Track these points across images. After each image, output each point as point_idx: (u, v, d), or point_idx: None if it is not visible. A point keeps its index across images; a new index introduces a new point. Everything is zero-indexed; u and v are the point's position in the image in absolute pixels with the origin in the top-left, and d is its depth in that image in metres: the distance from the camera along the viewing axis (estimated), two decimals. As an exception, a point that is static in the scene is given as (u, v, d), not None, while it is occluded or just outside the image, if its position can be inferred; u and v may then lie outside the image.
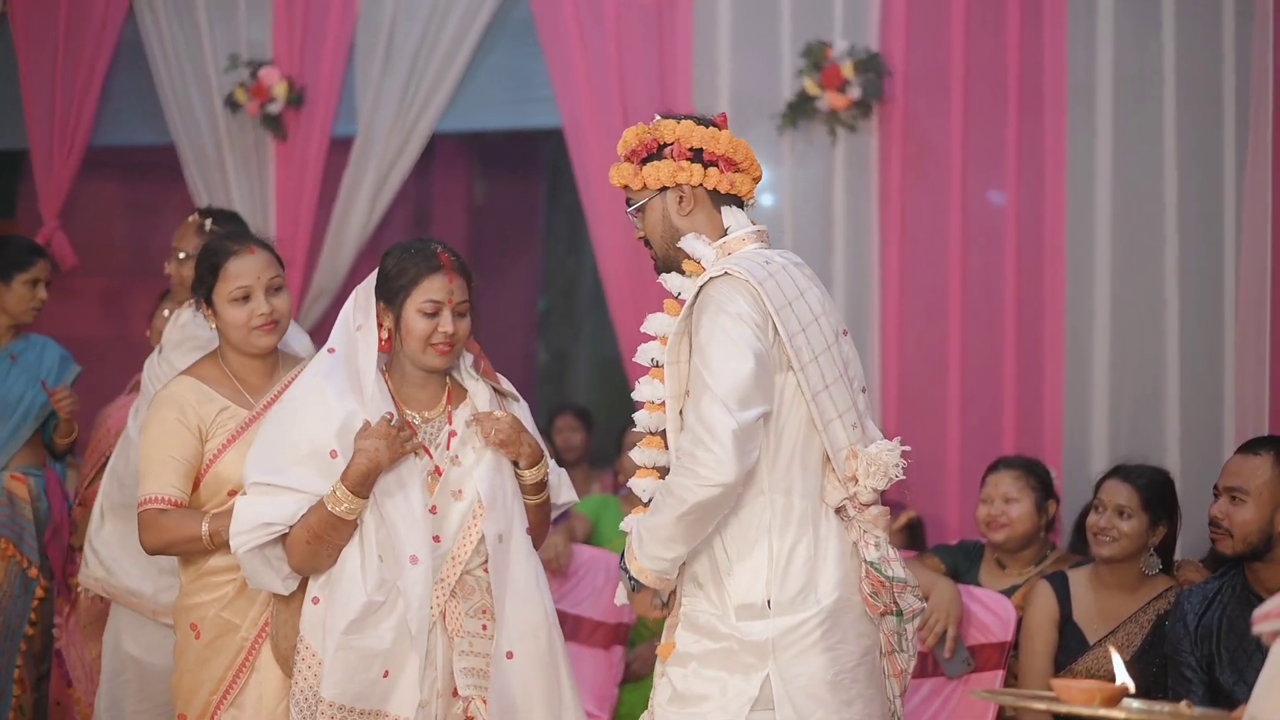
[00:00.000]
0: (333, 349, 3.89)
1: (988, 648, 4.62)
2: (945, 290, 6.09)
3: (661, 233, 3.60)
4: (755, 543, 3.42)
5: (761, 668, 3.39)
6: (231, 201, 7.12)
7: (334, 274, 7.06)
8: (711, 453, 3.29)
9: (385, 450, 3.72)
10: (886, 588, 3.41)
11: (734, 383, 3.32)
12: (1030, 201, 6.00)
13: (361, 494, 3.72)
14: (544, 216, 9.09)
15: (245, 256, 4.16)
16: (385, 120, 6.94)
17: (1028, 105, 5.99)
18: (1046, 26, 5.93)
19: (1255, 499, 4.14)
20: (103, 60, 7.38)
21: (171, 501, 4.05)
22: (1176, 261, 5.78)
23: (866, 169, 6.22)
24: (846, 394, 3.46)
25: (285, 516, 3.77)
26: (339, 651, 3.72)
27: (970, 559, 4.99)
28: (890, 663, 3.49)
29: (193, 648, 4.09)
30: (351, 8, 7.00)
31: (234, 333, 4.16)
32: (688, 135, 3.56)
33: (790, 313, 3.41)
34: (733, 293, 3.39)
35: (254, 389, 4.20)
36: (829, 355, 3.45)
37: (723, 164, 3.56)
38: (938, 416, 6.10)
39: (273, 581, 3.84)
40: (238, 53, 7.14)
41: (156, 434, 4.10)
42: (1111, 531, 4.58)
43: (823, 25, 6.25)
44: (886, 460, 3.40)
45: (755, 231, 3.57)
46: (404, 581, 3.74)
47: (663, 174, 3.56)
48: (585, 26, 6.61)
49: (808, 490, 3.43)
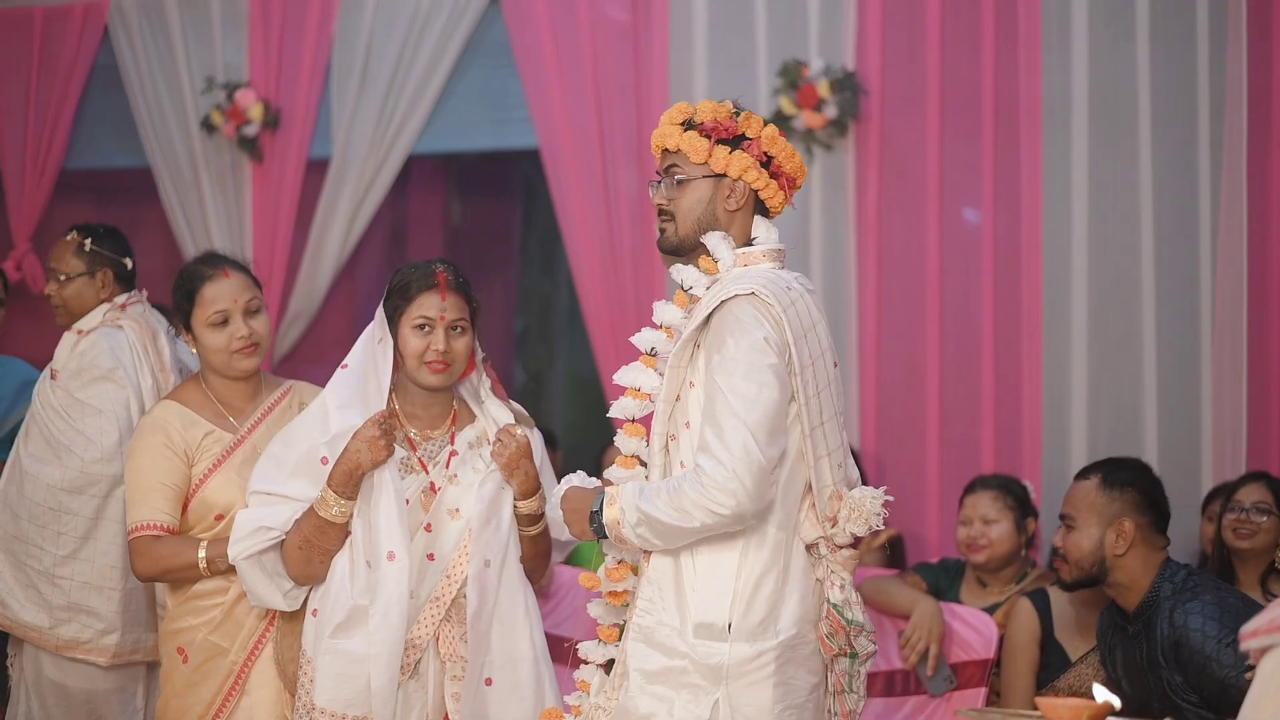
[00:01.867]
0: (346, 365, 3.93)
1: (970, 665, 4.63)
2: (923, 308, 6.09)
3: (698, 215, 3.53)
4: (724, 564, 3.38)
5: (713, 691, 3.37)
6: (208, 224, 7.12)
7: (311, 296, 7.05)
8: (732, 482, 3.26)
9: (366, 451, 3.74)
10: (844, 630, 3.38)
11: (763, 415, 3.30)
12: (1007, 219, 6.01)
13: (346, 494, 3.75)
14: (520, 237, 9.08)
15: (220, 280, 4.16)
16: (362, 142, 6.93)
17: (1003, 123, 6.00)
18: (1021, 45, 5.94)
19: (1083, 523, 4.14)
20: (77, 82, 7.37)
21: (163, 528, 4.05)
22: (1153, 278, 5.80)
23: (843, 188, 6.23)
24: (837, 432, 3.45)
25: (280, 522, 3.80)
26: (326, 656, 3.75)
27: (951, 577, 5.01)
28: (839, 702, 3.46)
29: (180, 672, 4.09)
30: (327, 30, 6.99)
31: (214, 357, 4.15)
32: (770, 141, 3.52)
33: (805, 344, 3.39)
34: (760, 316, 3.36)
35: (237, 412, 4.20)
36: (828, 392, 3.43)
37: (784, 180, 3.55)
38: (916, 434, 6.11)
39: (273, 597, 3.86)
40: (213, 75, 7.13)
41: (143, 461, 4.10)
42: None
43: (798, 44, 6.26)
44: (869, 508, 3.37)
45: (777, 250, 3.55)
46: (378, 575, 3.74)
47: (735, 164, 3.50)
48: (561, 47, 6.62)
49: (785, 521, 3.40)
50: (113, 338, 4.81)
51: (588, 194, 6.54)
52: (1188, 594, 3.99)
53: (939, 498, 6.01)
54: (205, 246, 6.73)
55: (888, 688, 4.70)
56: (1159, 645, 3.98)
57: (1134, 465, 4.36)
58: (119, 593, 4.70)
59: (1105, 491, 4.14)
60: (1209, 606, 3.93)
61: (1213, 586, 4.03)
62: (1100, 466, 4.25)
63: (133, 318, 4.88)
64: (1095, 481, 4.16)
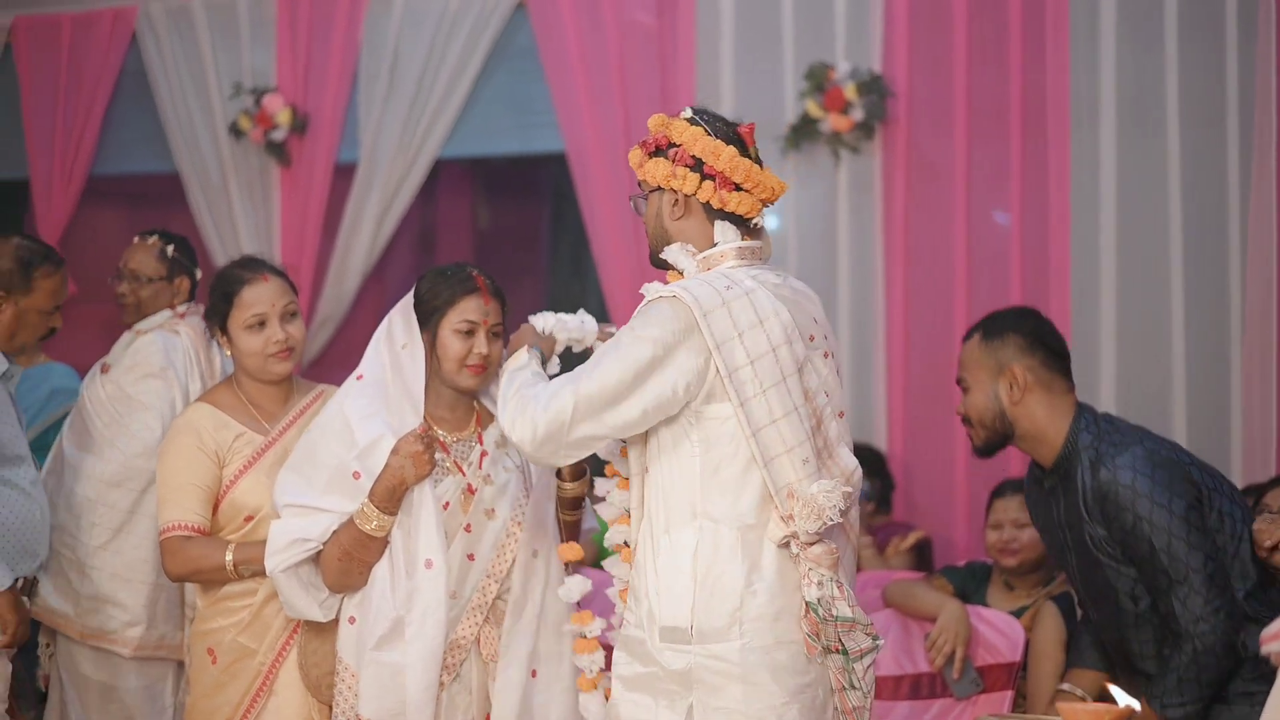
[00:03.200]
0: (361, 376, 3.92)
1: (996, 668, 4.60)
2: (950, 311, 6.08)
3: (653, 229, 3.58)
4: (680, 566, 3.37)
5: (686, 695, 3.37)
6: (236, 228, 7.14)
7: (339, 300, 7.07)
8: (530, 424, 3.38)
9: (410, 467, 3.74)
10: (829, 627, 3.32)
11: (598, 389, 3.36)
12: (1035, 222, 5.99)
13: (388, 510, 3.75)
14: (548, 241, 9.08)
15: (260, 284, 4.19)
16: (389, 146, 6.94)
17: (1031, 125, 5.98)
18: (1049, 46, 5.92)
19: (974, 381, 4.04)
20: (105, 88, 7.40)
21: (194, 528, 4.08)
22: (1181, 279, 5.77)
23: (870, 191, 6.22)
24: (801, 427, 3.36)
25: (318, 533, 3.80)
26: (370, 668, 3.75)
27: (978, 580, 4.98)
28: (841, 700, 3.39)
29: (208, 672, 4.11)
30: (355, 35, 7.01)
31: (250, 360, 4.18)
32: (692, 143, 3.50)
33: (738, 344, 3.35)
34: (669, 318, 3.36)
35: (269, 415, 4.23)
36: (783, 387, 3.36)
37: (719, 180, 3.49)
38: (945, 437, 6.08)
39: (309, 608, 3.86)
40: (241, 80, 7.15)
41: (175, 461, 4.13)
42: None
43: (825, 47, 6.25)
44: (823, 502, 3.30)
45: (739, 248, 3.50)
46: (415, 583, 3.74)
47: (658, 173, 3.52)
48: (587, 51, 6.62)
49: (740, 521, 3.36)
50: (169, 340, 4.95)
51: (614, 198, 6.54)
52: (1112, 445, 3.86)
53: (967, 501, 5.99)
54: (234, 252, 6.76)
55: (914, 691, 4.68)
56: (1081, 497, 3.87)
57: (1015, 311, 4.26)
58: (147, 586, 4.78)
59: (987, 343, 4.02)
60: (1140, 460, 3.81)
61: (1139, 437, 3.91)
62: (981, 322, 4.13)
63: (190, 326, 5.03)
64: (977, 338, 4.06)
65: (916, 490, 6.16)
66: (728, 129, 3.54)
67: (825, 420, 3.47)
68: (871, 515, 5.80)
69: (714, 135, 3.50)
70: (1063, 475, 3.95)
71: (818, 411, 3.45)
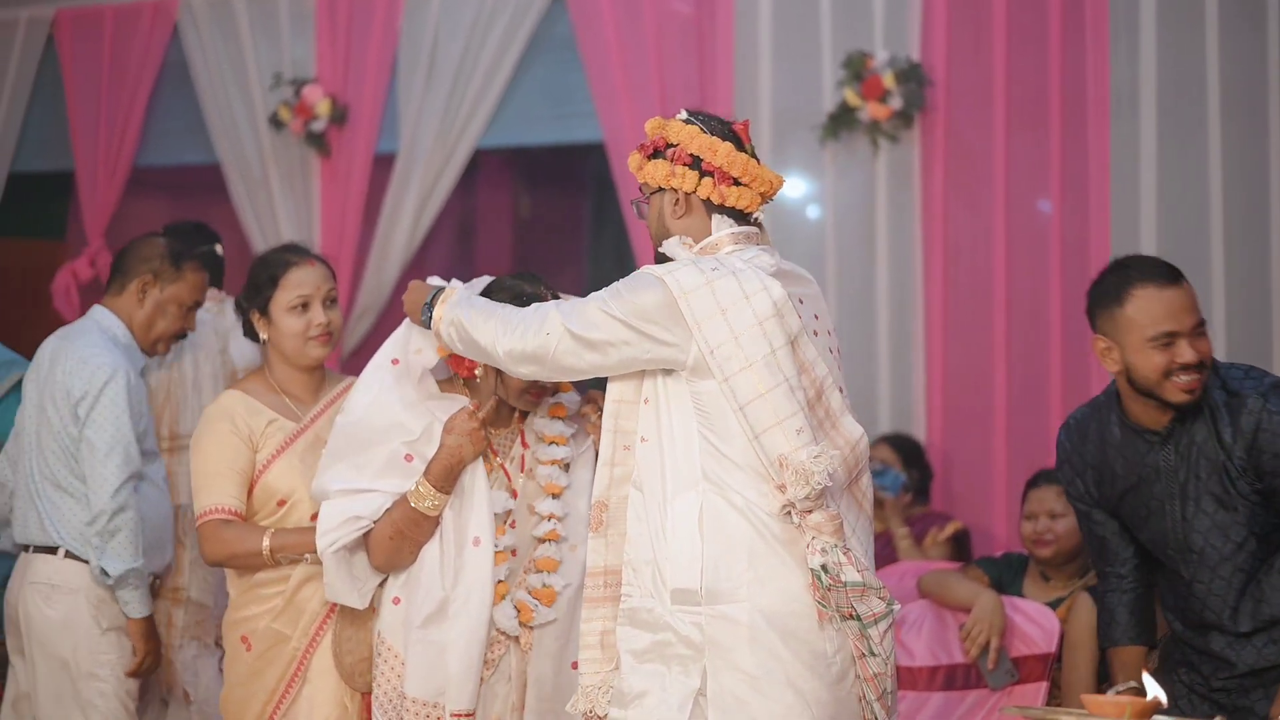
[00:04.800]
0: (396, 360, 3.94)
1: (1031, 659, 4.59)
2: (989, 300, 6.05)
3: (655, 229, 3.63)
4: (687, 531, 3.42)
5: (698, 659, 3.39)
6: (277, 219, 7.18)
7: (379, 290, 7.09)
8: (519, 341, 3.51)
9: (469, 445, 3.79)
10: (838, 593, 3.34)
11: (581, 332, 3.46)
12: (1074, 211, 5.95)
13: (445, 489, 3.78)
14: (590, 230, 9.09)
15: (306, 267, 4.25)
16: (428, 137, 6.96)
17: (1071, 114, 5.94)
18: (1089, 35, 5.88)
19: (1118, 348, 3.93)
20: (147, 80, 7.46)
21: (232, 512, 4.11)
22: (1222, 270, 5.72)
23: (909, 180, 6.19)
24: (792, 398, 3.38)
25: (371, 511, 3.82)
26: (416, 646, 3.78)
27: (1014, 571, 4.96)
28: (862, 667, 3.41)
29: (243, 660, 4.13)
30: (394, 25, 7.03)
31: (289, 342, 4.21)
32: (689, 141, 3.55)
33: (720, 321, 3.39)
34: (648, 287, 3.43)
35: (301, 402, 4.26)
36: (772, 360, 3.38)
37: (718, 176, 3.54)
38: (984, 428, 6.06)
39: (349, 594, 3.89)
40: (281, 71, 7.18)
41: (210, 447, 4.15)
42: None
43: (863, 36, 6.23)
44: (810, 467, 3.33)
45: (732, 235, 3.56)
46: (463, 560, 3.77)
47: (658, 174, 3.58)
48: (625, 41, 6.61)
49: (740, 491, 3.40)
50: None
51: (652, 188, 6.53)
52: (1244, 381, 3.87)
53: (1005, 491, 5.96)
54: (274, 242, 6.76)
55: (949, 682, 4.67)
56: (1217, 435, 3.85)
57: None
58: None
59: None
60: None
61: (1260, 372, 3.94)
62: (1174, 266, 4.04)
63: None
64: (1188, 284, 3.99)
65: (955, 480, 6.14)
66: (723, 126, 3.60)
67: (826, 390, 3.50)
68: (910, 506, 5.78)
69: (710, 132, 3.57)
70: (1192, 418, 3.91)
71: (817, 382, 3.49)
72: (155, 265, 4.70)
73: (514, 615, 3.81)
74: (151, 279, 4.70)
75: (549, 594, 3.85)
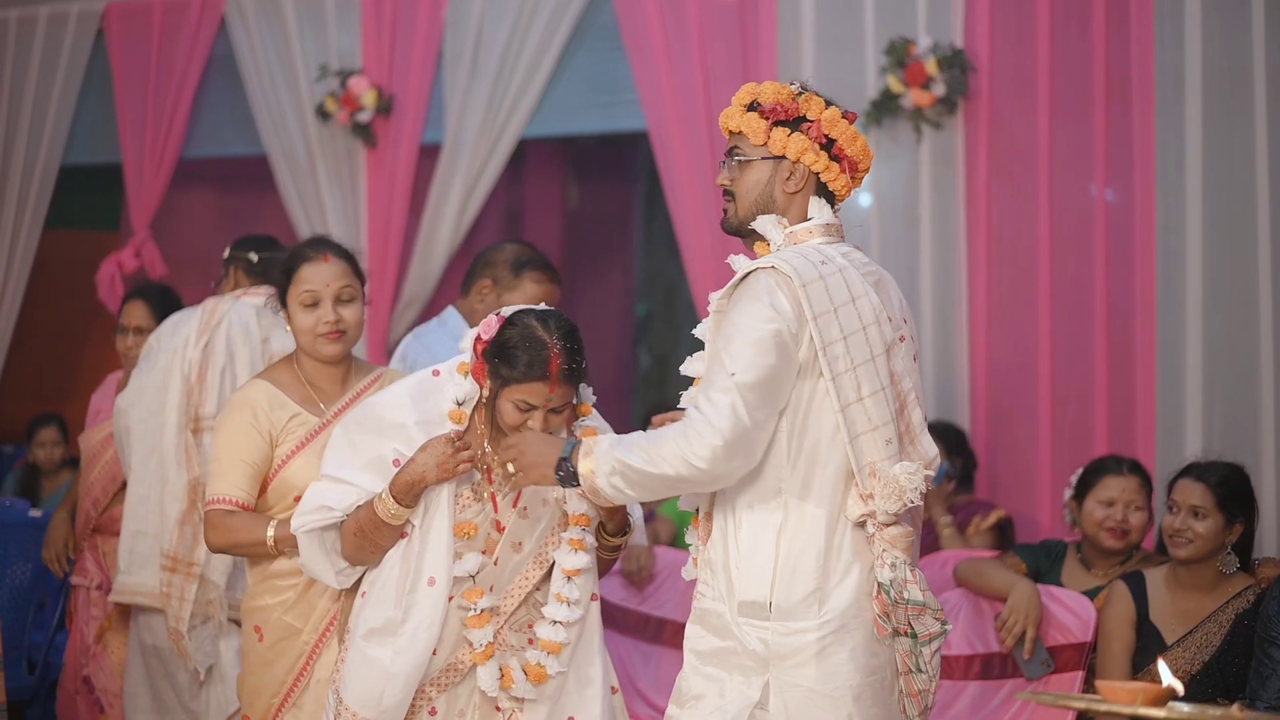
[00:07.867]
0: (438, 372, 3.85)
1: (1067, 649, 4.55)
2: (1034, 288, 6.01)
3: (756, 196, 3.53)
4: (764, 542, 3.37)
5: (763, 672, 3.36)
6: (324, 210, 7.22)
7: (425, 281, 7.12)
8: (713, 437, 3.25)
9: (433, 469, 3.67)
10: (899, 610, 3.31)
11: (756, 378, 3.28)
12: (1120, 198, 5.91)
13: (404, 502, 3.70)
14: (640, 220, 9.08)
15: (319, 264, 4.22)
16: (473, 126, 6.98)
17: (1115, 101, 5.89)
18: (1133, 21, 5.83)
19: None
20: (194, 72, 7.52)
21: (237, 503, 4.12)
22: (1269, 257, 5.66)
23: (953, 166, 6.16)
24: (886, 408, 3.35)
25: (343, 505, 3.77)
26: (355, 655, 3.73)
27: (1052, 559, 4.92)
28: (906, 683, 3.39)
29: (256, 650, 4.16)
30: (438, 16, 7.05)
31: (302, 337, 4.22)
32: (831, 123, 3.50)
33: (833, 318, 3.33)
34: (774, 288, 3.33)
35: (326, 395, 4.25)
36: (871, 366, 3.35)
37: (846, 163, 3.50)
38: (1028, 416, 6.02)
39: (325, 572, 3.85)
40: (327, 62, 7.22)
41: (229, 436, 4.17)
42: (1186, 533, 4.49)
43: (906, 22, 6.20)
44: (905, 484, 3.29)
45: (825, 225, 3.49)
46: (416, 596, 3.71)
47: (793, 147, 3.48)
48: (669, 29, 6.61)
49: (822, 499, 3.35)
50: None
51: (696, 176, 6.53)
52: None
53: (1050, 480, 5.93)
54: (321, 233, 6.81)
55: (984, 671, 4.65)
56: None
57: None
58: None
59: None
60: None
61: None
62: None
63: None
64: None
65: (999, 468, 6.10)
66: (844, 111, 3.55)
67: (909, 405, 3.46)
68: (953, 494, 5.74)
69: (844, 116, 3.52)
70: None
71: (902, 395, 3.44)
72: (495, 272, 5.00)
73: (497, 678, 3.73)
74: (490, 284, 4.99)
75: (538, 673, 3.75)
